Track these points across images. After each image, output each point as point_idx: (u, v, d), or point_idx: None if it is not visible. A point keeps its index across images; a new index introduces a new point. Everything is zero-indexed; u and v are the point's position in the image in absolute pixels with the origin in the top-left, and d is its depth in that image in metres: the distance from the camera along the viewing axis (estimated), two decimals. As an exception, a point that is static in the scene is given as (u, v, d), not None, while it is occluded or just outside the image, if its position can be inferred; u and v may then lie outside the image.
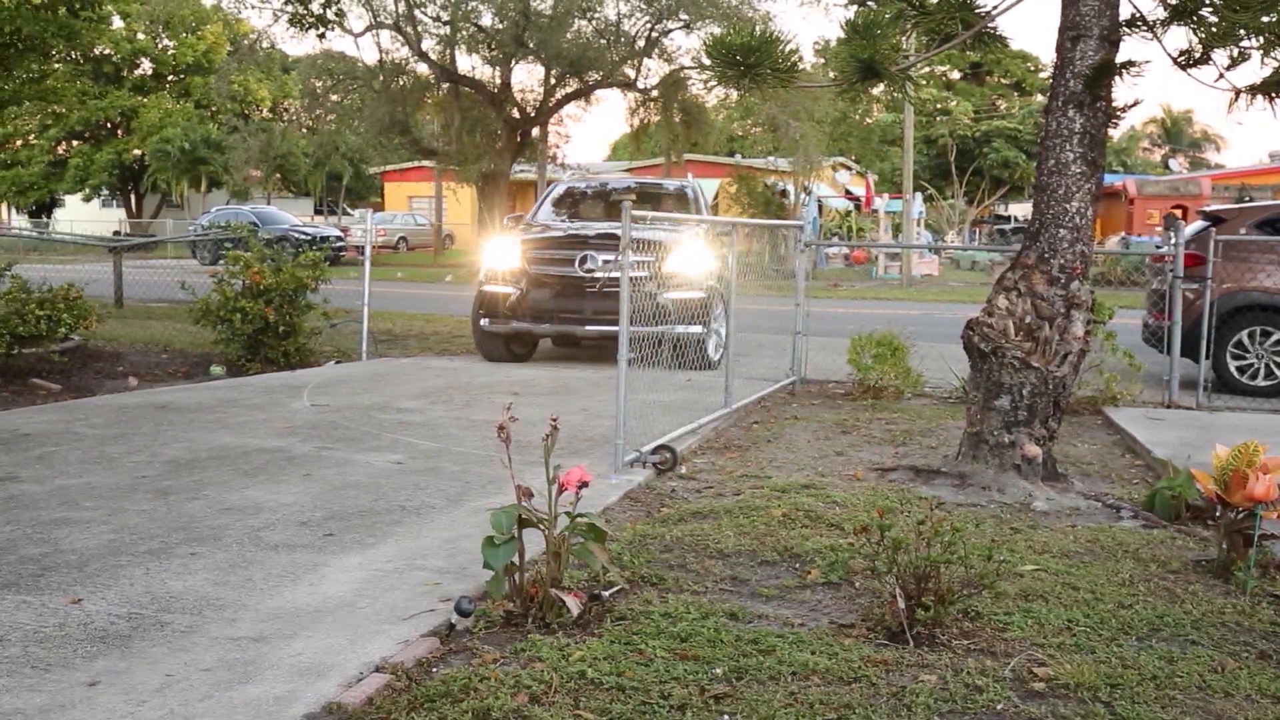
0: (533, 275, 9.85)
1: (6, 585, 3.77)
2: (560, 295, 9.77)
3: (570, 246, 9.92)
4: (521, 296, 9.85)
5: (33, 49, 10.08)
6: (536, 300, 9.83)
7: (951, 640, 3.43)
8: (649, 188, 12.59)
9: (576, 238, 10.02)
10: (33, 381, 8.36)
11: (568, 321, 9.76)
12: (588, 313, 9.61)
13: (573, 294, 9.74)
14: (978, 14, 5.93)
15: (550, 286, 9.82)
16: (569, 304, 9.74)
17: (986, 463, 5.54)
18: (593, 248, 9.76)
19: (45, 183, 46.45)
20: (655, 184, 12.88)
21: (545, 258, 9.96)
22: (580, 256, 9.75)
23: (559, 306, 9.77)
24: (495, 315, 9.98)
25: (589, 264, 9.67)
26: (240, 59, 30.36)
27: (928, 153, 46.88)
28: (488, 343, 10.33)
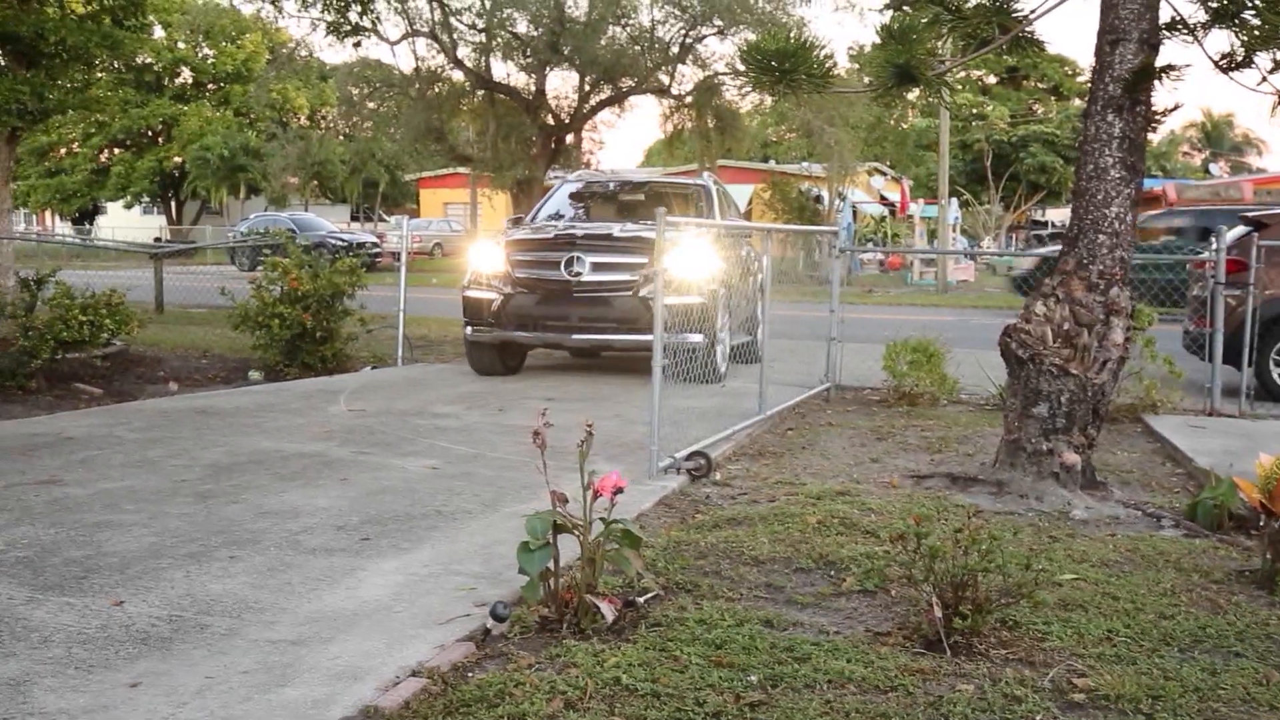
0: (516, 279, 9.17)
1: (51, 587, 3.83)
2: (545, 301, 9.09)
3: (556, 248, 9.21)
4: (504, 303, 9.15)
5: (77, 59, 10.25)
6: (520, 307, 9.13)
7: (989, 649, 3.40)
8: (661, 186, 11.85)
9: (563, 239, 9.34)
10: (76, 386, 8.49)
11: (554, 329, 9.14)
12: (574, 319, 9.01)
13: (558, 299, 9.04)
14: (1015, 18, 5.89)
15: (535, 291, 9.12)
16: (554, 310, 9.07)
17: (1024, 470, 5.49)
18: (580, 249, 9.06)
19: (88, 190, 47.21)
20: (668, 182, 12.24)
21: (529, 260, 9.24)
22: (567, 259, 9.01)
23: (544, 313, 9.09)
24: (479, 323, 9.34)
25: (576, 267, 8.97)
26: (279, 67, 30.74)
27: (963, 157, 46.54)
28: (475, 353, 9.68)
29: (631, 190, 11.51)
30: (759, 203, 35.94)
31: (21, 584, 3.85)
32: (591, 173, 12.79)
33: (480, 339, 9.38)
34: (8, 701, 2.91)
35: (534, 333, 9.18)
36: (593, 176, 12.14)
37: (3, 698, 2.93)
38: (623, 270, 8.91)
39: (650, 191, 11.29)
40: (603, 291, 8.86)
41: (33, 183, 46.28)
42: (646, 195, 11.14)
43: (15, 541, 4.36)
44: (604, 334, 8.95)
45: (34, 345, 8.11)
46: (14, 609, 3.60)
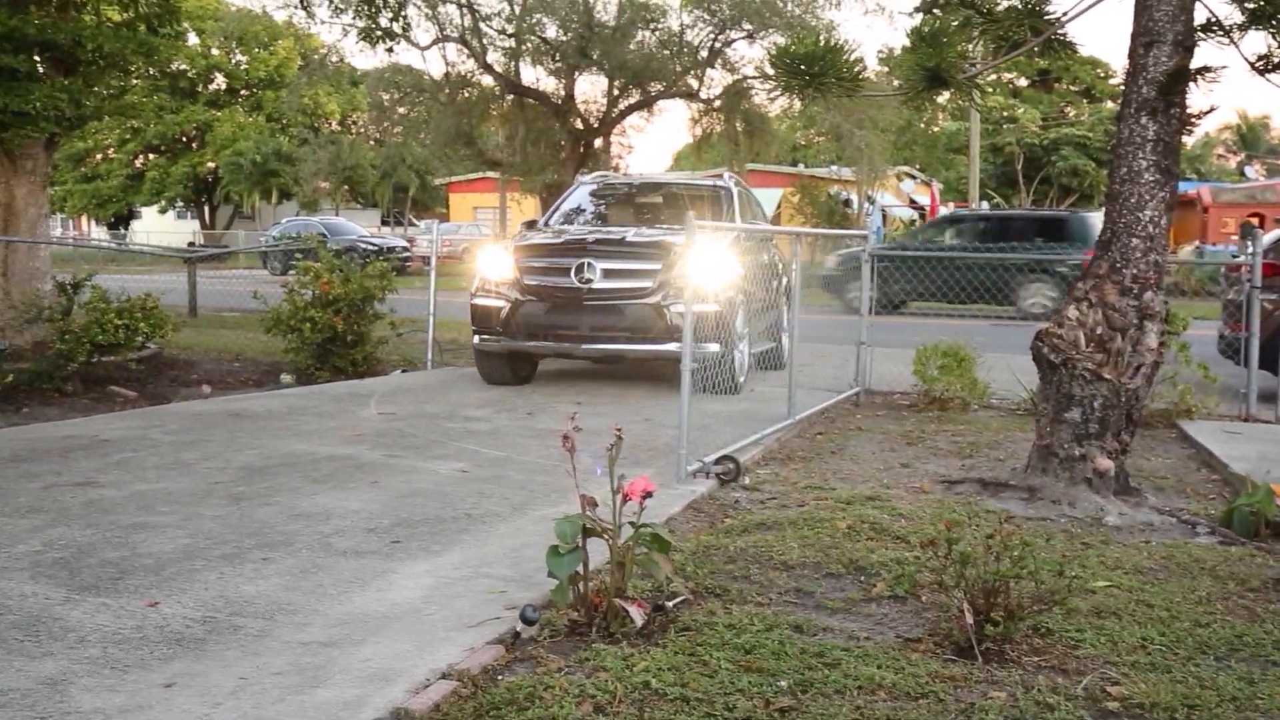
0: (525, 286, 8.73)
1: (87, 588, 3.88)
2: (555, 309, 8.65)
3: (566, 254, 8.77)
4: (512, 311, 8.71)
5: (113, 65, 10.39)
6: (529, 315, 8.69)
7: (1021, 657, 3.37)
8: (679, 188, 11.24)
9: (573, 244, 8.92)
10: (111, 389, 8.60)
11: (563, 339, 8.67)
12: (584, 328, 8.55)
13: (568, 307, 8.61)
14: (1047, 20, 5.85)
15: (544, 299, 8.68)
16: (564, 319, 8.62)
17: (1057, 476, 5.44)
18: (591, 255, 8.62)
19: (123, 195, 47.83)
20: (687, 183, 11.80)
21: (538, 267, 8.79)
22: (577, 265, 8.56)
23: (553, 322, 8.64)
24: (488, 331, 8.91)
25: (586, 273, 8.52)
26: (310, 73, 30.99)
27: (994, 160, 46.26)
28: (484, 363, 9.25)
29: (649, 192, 11.06)
30: (788, 207, 35.87)
31: (59, 584, 3.90)
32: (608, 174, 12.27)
33: (488, 348, 9.01)
34: (46, 701, 2.95)
35: (543, 342, 8.75)
36: (609, 178, 11.68)
37: (41, 697, 2.97)
38: (636, 277, 8.54)
39: (668, 193, 10.85)
40: (615, 299, 8.49)
41: (69, 188, 46.95)
42: (664, 197, 10.74)
43: (52, 542, 4.42)
44: (616, 343, 8.54)
45: (70, 348, 8.22)
46: (51, 609, 3.65)
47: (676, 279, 8.07)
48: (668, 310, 8.21)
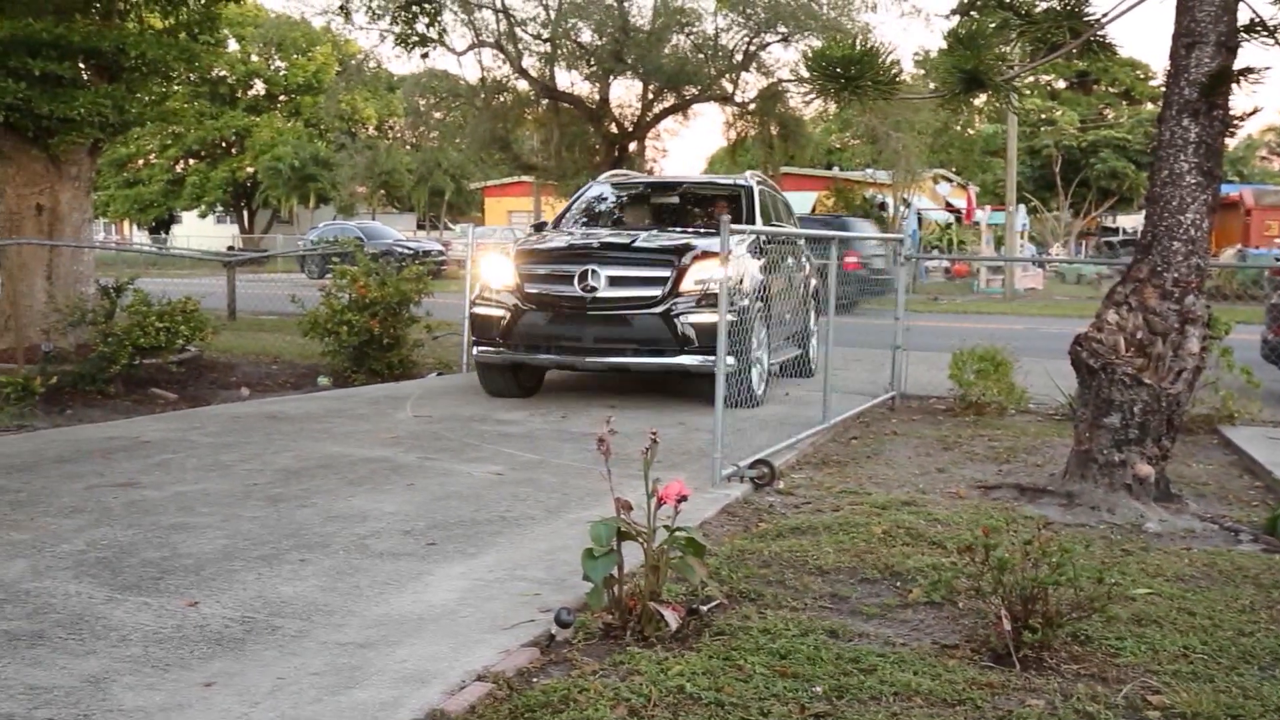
0: (526, 295, 8.20)
1: (129, 587, 3.94)
2: (557, 319, 8.12)
3: (569, 260, 8.22)
4: (513, 321, 8.20)
5: (155, 72, 10.52)
6: (530, 325, 8.17)
7: (1060, 664, 3.33)
8: (697, 187, 10.70)
9: (577, 250, 8.36)
10: (152, 391, 8.71)
11: (566, 351, 8.13)
12: (589, 340, 8.01)
13: (572, 317, 8.07)
14: (1086, 21, 5.80)
15: (546, 308, 8.15)
16: (567, 329, 8.09)
17: (1096, 482, 5.38)
18: (596, 261, 8.07)
19: (164, 200, 48.44)
20: (705, 182, 11.19)
21: (540, 274, 8.26)
22: (581, 272, 8.00)
23: (555, 333, 8.12)
24: (489, 342, 8.40)
25: (590, 281, 7.96)
26: (348, 79, 31.28)
27: (1032, 163, 45.83)
28: (485, 374, 8.76)
29: (665, 192, 10.47)
30: (822, 210, 35.71)
31: (101, 584, 3.96)
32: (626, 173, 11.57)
33: (487, 359, 8.50)
34: (89, 698, 3.00)
35: (545, 354, 8.22)
36: (624, 178, 11.04)
37: (84, 694, 3.02)
38: (644, 285, 7.98)
39: (685, 193, 10.35)
40: (621, 309, 7.95)
41: (112, 193, 47.62)
42: (681, 197, 10.26)
43: (95, 542, 4.48)
44: (622, 356, 8.01)
45: (113, 351, 8.33)
46: (94, 608, 3.71)
47: (688, 287, 7.82)
48: (678, 321, 7.79)
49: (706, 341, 7.42)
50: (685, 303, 7.79)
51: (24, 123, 9.64)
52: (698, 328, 7.69)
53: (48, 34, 9.20)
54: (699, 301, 7.75)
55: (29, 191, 10.07)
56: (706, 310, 7.56)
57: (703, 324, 7.61)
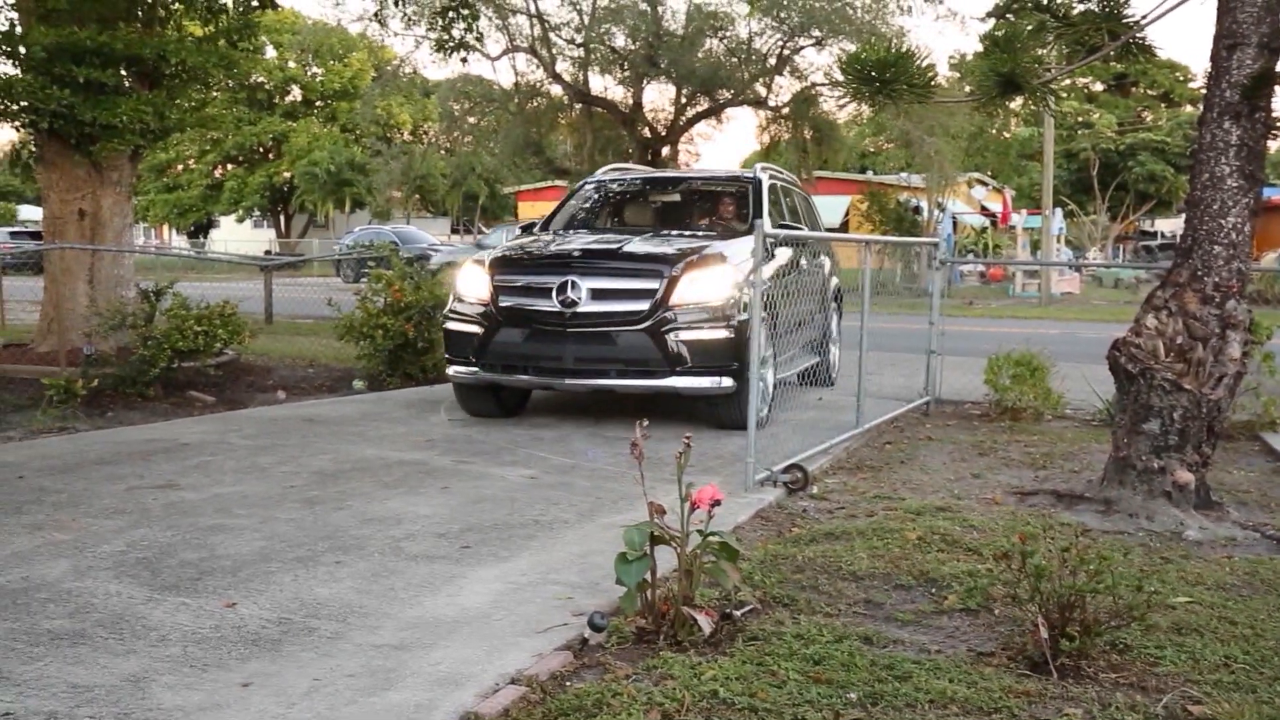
0: (501, 309, 7.41)
1: (168, 588, 3.99)
2: (534, 336, 7.32)
3: (547, 270, 7.42)
4: (487, 337, 7.43)
5: (195, 79, 10.67)
6: (505, 342, 7.39)
7: (1098, 673, 3.30)
8: (701, 183, 9.86)
9: (556, 259, 7.55)
10: (190, 394, 8.81)
11: (544, 372, 7.37)
12: (569, 360, 7.22)
13: (549, 334, 7.26)
14: (1125, 24, 5.74)
15: (521, 324, 7.35)
16: (545, 348, 7.29)
17: (1134, 489, 5.32)
18: (577, 271, 7.25)
19: (203, 205, 49.09)
20: (710, 177, 10.29)
21: (516, 285, 7.46)
22: (560, 284, 7.19)
23: (532, 351, 7.33)
24: (462, 360, 7.62)
25: (570, 294, 7.16)
26: (384, 84, 31.52)
27: (1068, 167, 45.39)
28: (462, 394, 7.95)
29: (665, 189, 9.66)
30: (856, 214, 35.58)
31: (141, 584, 4.01)
32: (621, 167, 10.63)
33: (461, 379, 7.74)
34: (129, 698, 3.04)
35: (522, 375, 7.44)
36: (622, 173, 10.08)
37: (124, 693, 3.06)
38: (630, 298, 7.20)
39: (687, 190, 9.53)
40: (604, 325, 7.17)
41: (151, 198, 48.31)
42: (683, 195, 9.45)
43: (135, 543, 4.54)
44: (605, 378, 7.27)
45: (153, 354, 8.44)
46: (134, 608, 3.76)
47: (680, 299, 7.09)
48: (669, 338, 7.04)
49: (701, 360, 6.99)
50: (677, 317, 7.07)
51: (67, 129, 9.80)
52: (691, 345, 7.04)
53: (91, 42, 9.35)
54: (693, 315, 7.07)
55: (72, 197, 10.23)
56: (702, 325, 7.05)
57: (697, 341, 7.03)
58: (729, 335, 7.05)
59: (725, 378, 7.07)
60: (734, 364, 7.02)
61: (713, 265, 7.27)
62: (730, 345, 7.05)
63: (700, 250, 7.45)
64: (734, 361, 7.02)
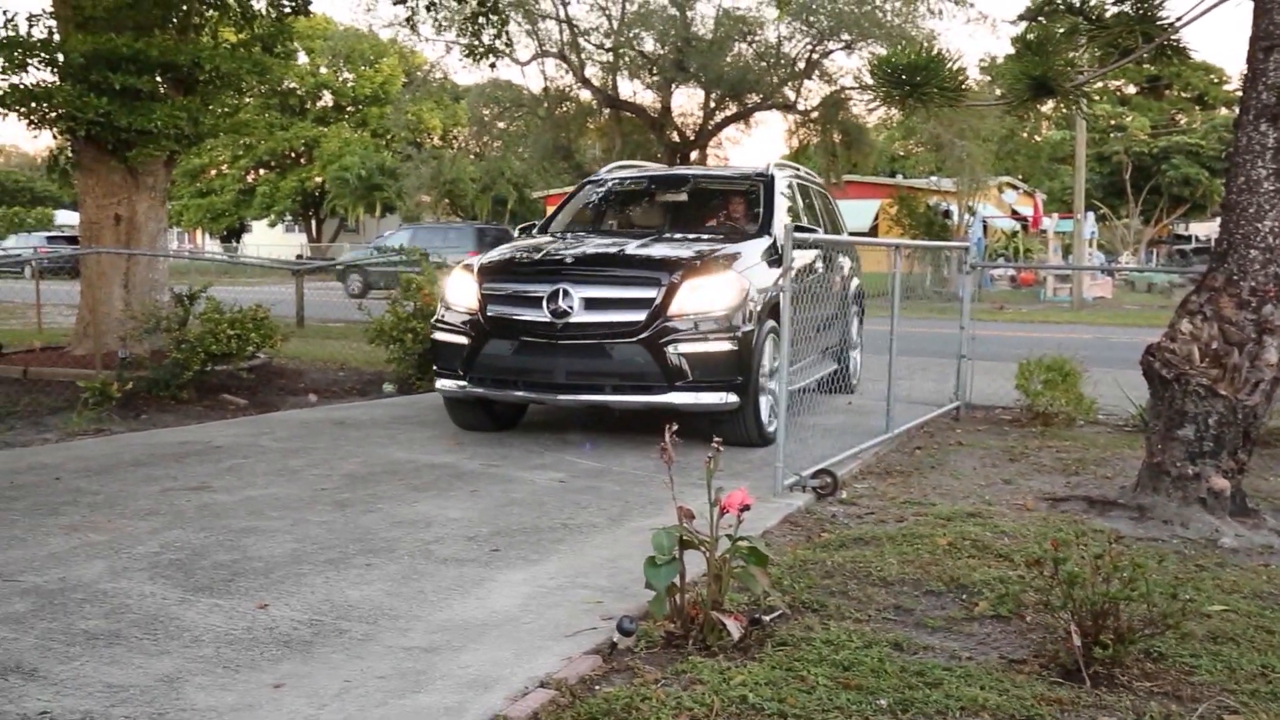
0: (490, 319, 6.95)
1: (201, 589, 4.03)
2: (525, 349, 6.84)
3: (537, 277, 6.96)
4: (474, 349, 6.98)
5: (229, 85, 10.80)
6: (494, 355, 6.93)
7: (1132, 681, 3.26)
8: (709, 181, 9.33)
9: (547, 265, 7.11)
10: (223, 397, 8.89)
11: (534, 387, 6.90)
12: (560, 374, 6.75)
13: (540, 347, 6.79)
14: (1159, 26, 5.69)
15: (510, 336, 6.89)
16: (535, 361, 6.81)
17: (1168, 495, 5.26)
18: (569, 279, 6.79)
19: (235, 209, 49.58)
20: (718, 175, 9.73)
21: (504, 294, 7.00)
22: (550, 293, 6.73)
23: (521, 365, 6.86)
24: (449, 373, 7.19)
25: (561, 303, 6.69)
26: (414, 90, 31.76)
27: (1101, 170, 45.01)
28: (452, 407, 7.54)
29: (672, 189, 9.02)
30: (885, 218, 35.43)
31: (175, 585, 4.06)
32: (627, 164, 10.05)
33: (448, 393, 7.30)
34: (163, 698, 3.07)
35: (511, 390, 6.98)
36: (626, 171, 9.53)
37: (159, 694, 3.09)
38: (626, 307, 6.72)
39: (694, 190, 8.93)
40: (598, 336, 6.70)
41: (185, 203, 48.85)
42: (690, 195, 8.85)
43: (169, 544, 4.59)
44: (600, 394, 6.80)
45: (186, 357, 8.53)
46: (168, 608, 3.80)
47: (680, 308, 6.63)
48: (668, 350, 6.57)
49: (703, 374, 6.57)
50: (676, 328, 6.60)
51: (104, 135, 9.93)
52: (691, 358, 6.58)
53: (128, 49, 9.48)
54: (694, 326, 6.61)
55: (108, 202, 10.37)
56: (704, 337, 6.61)
57: (698, 353, 6.58)
58: (733, 348, 6.66)
59: (729, 393, 6.67)
60: (738, 378, 6.66)
61: (716, 272, 6.84)
62: (734, 358, 6.66)
63: (703, 255, 7.07)
64: (738, 376, 6.66)
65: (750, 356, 6.73)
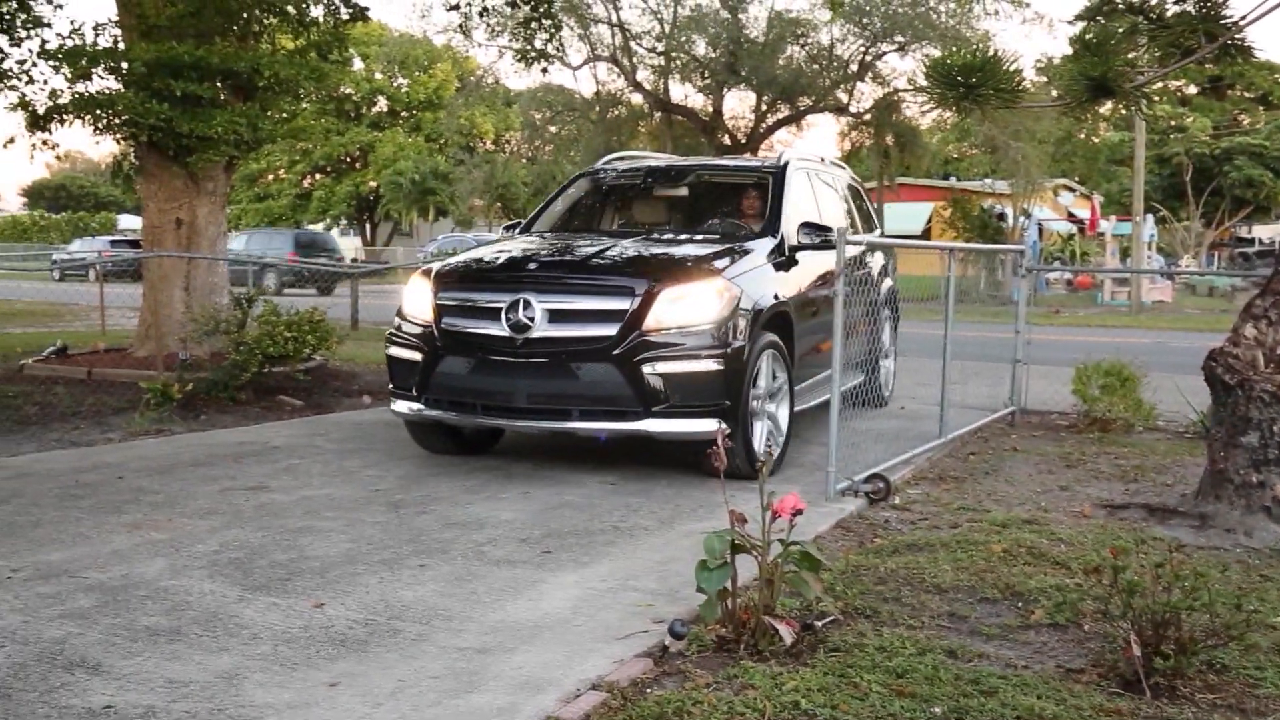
0: (445, 332, 6.16)
1: (259, 587, 4.09)
2: (481, 367, 6.01)
3: (497, 285, 6.16)
4: (429, 365, 6.18)
5: (287, 91, 10.98)
6: (449, 373, 6.12)
7: (1194, 693, 3.20)
8: (714, 174, 8.29)
9: (509, 271, 6.30)
10: (280, 398, 9.03)
11: (492, 410, 6.02)
12: (520, 397, 5.89)
13: (498, 366, 5.95)
14: (1223, 25, 5.57)
15: (467, 351, 6.07)
16: (493, 381, 5.97)
17: (1231, 503, 5.15)
18: (531, 287, 5.97)
19: (292, 213, 50.35)
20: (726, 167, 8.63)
21: (461, 304, 6.21)
22: (510, 303, 5.90)
23: (477, 385, 6.02)
24: (404, 392, 6.37)
25: (521, 314, 5.86)
26: (467, 94, 32.03)
27: (1160, 172, 44.15)
28: (413, 428, 6.72)
29: (672, 182, 8.13)
30: (939, 221, 35.08)
31: (233, 583, 4.13)
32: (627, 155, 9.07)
33: (404, 417, 6.50)
34: (223, 694, 3.12)
35: (466, 415, 6.15)
36: (626, 162, 8.57)
37: (218, 690, 3.15)
38: (595, 320, 5.89)
39: (698, 182, 8.07)
40: (563, 353, 5.85)
41: (243, 206, 49.71)
42: (691, 189, 8.01)
43: (228, 543, 4.67)
44: (566, 420, 5.92)
45: (244, 359, 8.67)
46: (227, 606, 3.86)
47: (657, 321, 5.79)
48: (643, 369, 5.73)
49: (683, 398, 5.74)
50: (653, 343, 5.74)
51: (166, 141, 10.13)
52: (670, 379, 5.73)
53: (189, 56, 9.67)
54: (673, 341, 5.76)
55: (169, 206, 10.57)
56: (685, 355, 5.75)
57: (677, 374, 5.74)
58: (718, 367, 5.78)
59: (712, 419, 5.71)
60: (725, 402, 5.79)
61: (700, 279, 5.97)
62: (720, 379, 5.79)
63: (687, 260, 6.27)
64: (725, 399, 5.80)
65: (740, 377, 5.88)
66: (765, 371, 6.21)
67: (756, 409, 6.17)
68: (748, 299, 6.02)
